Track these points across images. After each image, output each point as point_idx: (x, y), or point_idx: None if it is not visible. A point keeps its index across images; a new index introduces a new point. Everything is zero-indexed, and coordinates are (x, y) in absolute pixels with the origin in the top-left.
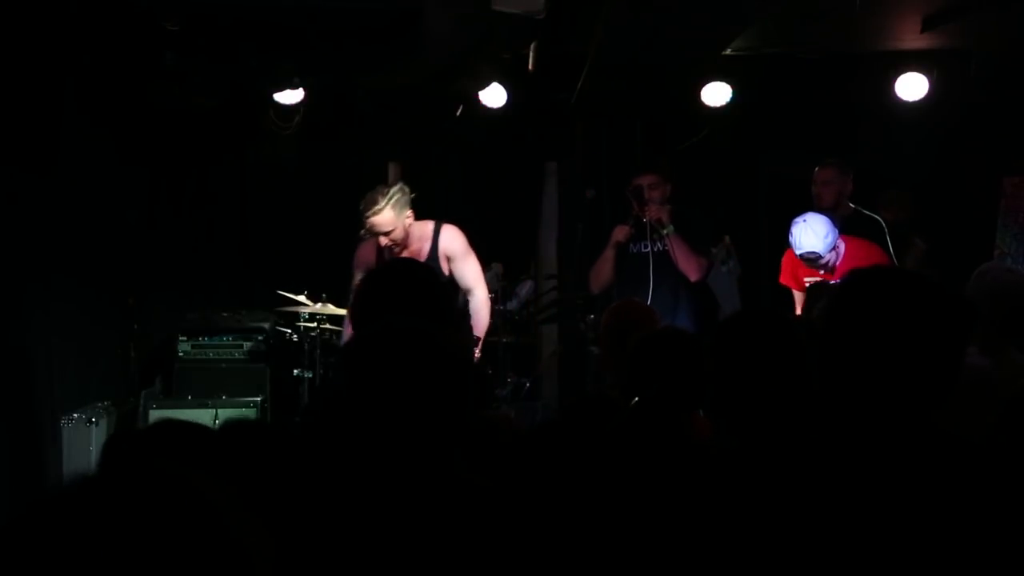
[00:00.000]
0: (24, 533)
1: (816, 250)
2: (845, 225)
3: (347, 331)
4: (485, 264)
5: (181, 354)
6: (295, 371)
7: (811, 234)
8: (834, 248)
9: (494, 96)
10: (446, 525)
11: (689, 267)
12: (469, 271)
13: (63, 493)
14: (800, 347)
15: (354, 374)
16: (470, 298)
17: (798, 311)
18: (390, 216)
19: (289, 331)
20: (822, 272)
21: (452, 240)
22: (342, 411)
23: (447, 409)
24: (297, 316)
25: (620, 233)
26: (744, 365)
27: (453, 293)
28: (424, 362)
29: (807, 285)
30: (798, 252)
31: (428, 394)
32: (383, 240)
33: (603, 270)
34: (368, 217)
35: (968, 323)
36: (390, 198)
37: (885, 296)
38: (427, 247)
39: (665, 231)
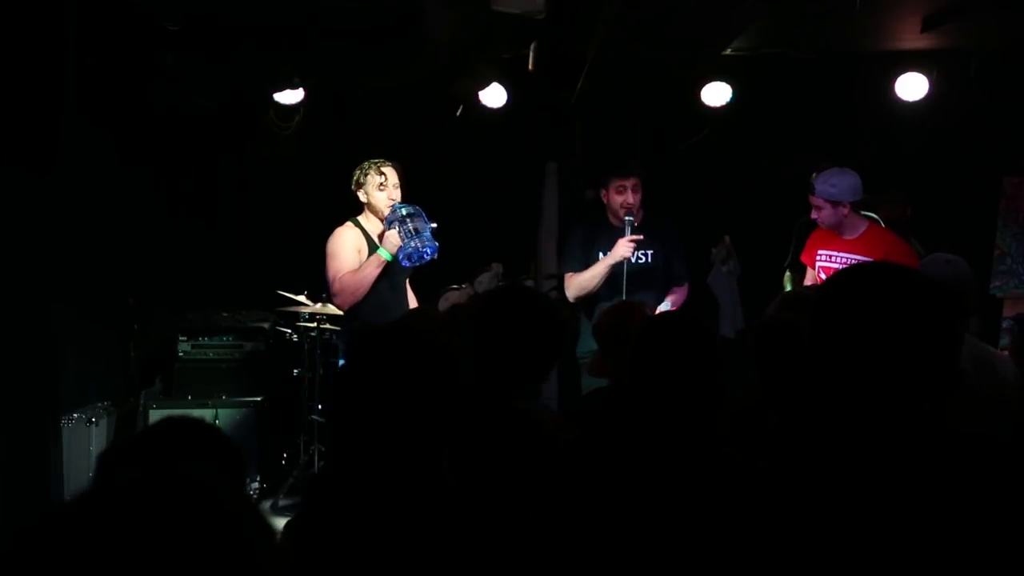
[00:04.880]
0: (33, 546)
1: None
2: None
3: None
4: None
5: (181, 354)
6: (295, 371)
7: (842, 180)
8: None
9: (494, 96)
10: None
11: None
12: None
13: (69, 506)
14: (711, 350)
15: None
16: None
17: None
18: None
19: (289, 331)
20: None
21: None
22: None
23: (437, 410)
24: (297, 316)
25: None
26: (659, 368)
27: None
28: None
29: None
30: (823, 188)
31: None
32: (393, 193)
33: (593, 284)
34: (383, 168)
35: (958, 314)
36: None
37: (873, 291)
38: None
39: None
